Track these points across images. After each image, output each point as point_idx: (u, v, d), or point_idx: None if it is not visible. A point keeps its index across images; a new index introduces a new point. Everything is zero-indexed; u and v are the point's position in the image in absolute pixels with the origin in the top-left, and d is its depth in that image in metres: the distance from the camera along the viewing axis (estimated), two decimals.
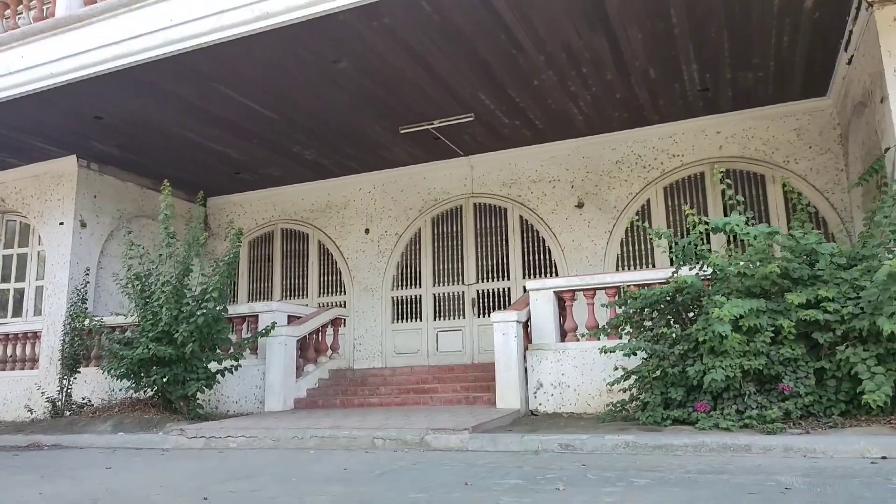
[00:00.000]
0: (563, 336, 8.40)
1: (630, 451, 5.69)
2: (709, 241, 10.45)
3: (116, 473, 5.67)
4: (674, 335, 6.55)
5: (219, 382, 9.27)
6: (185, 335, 8.47)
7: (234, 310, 10.14)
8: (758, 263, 6.42)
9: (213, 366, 9.13)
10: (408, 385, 9.34)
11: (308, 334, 10.16)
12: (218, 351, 9.14)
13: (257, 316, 9.96)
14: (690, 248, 6.78)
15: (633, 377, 6.85)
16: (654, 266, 10.82)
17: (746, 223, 6.55)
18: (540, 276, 11.58)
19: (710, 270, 6.81)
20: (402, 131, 10.82)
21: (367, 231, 13.00)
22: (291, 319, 10.16)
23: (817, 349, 6.16)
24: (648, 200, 11.09)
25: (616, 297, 7.99)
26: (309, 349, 10.25)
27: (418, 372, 9.78)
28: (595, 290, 8.31)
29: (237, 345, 9.24)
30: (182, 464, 6.16)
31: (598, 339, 8.05)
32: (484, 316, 11.86)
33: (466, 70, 8.94)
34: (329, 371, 10.35)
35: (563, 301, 8.59)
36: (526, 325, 8.45)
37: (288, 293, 13.60)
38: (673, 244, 6.94)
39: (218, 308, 9.01)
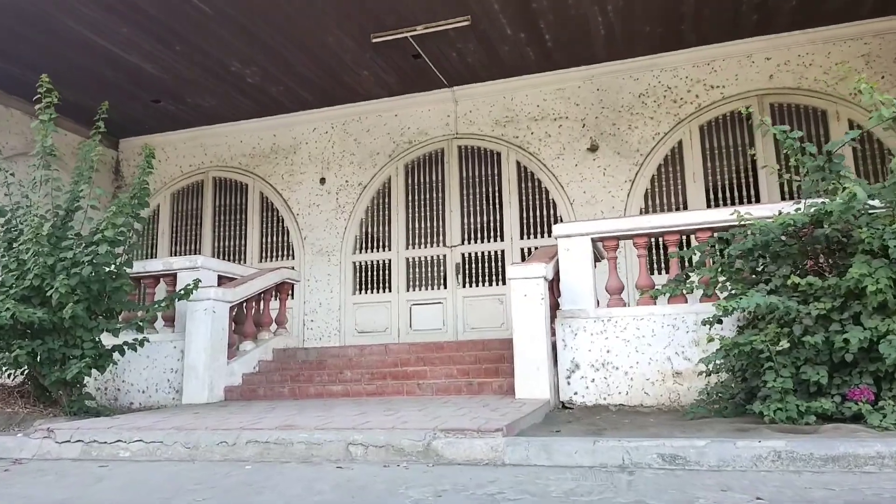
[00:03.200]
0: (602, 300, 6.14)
1: (787, 467, 3.45)
2: (755, 186, 8.42)
3: None
4: (809, 287, 4.34)
5: (116, 364, 6.61)
6: (62, 293, 5.79)
7: (143, 267, 7.45)
8: None
9: (107, 340, 6.48)
10: (383, 368, 6.90)
11: (245, 301, 7.58)
12: (116, 319, 6.48)
13: (175, 276, 7.32)
14: (839, 161, 4.53)
15: (737, 352, 4.60)
16: None
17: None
18: (540, 236, 9.29)
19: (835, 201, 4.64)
20: (374, 40, 8.32)
21: (322, 181, 10.44)
22: (223, 281, 7.56)
23: None
24: (680, 142, 8.95)
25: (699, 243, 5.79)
26: (247, 322, 7.66)
27: (395, 351, 7.34)
28: (650, 235, 6.05)
29: (144, 310, 6.59)
30: (25, 490, 3.58)
31: (655, 301, 5.85)
32: (471, 285, 9.51)
33: None
34: (273, 351, 7.79)
35: (599, 254, 6.34)
36: (551, 285, 6.14)
37: (221, 257, 10.89)
38: (804, 157, 4.68)
39: (116, 257, 6.35)
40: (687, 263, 5.81)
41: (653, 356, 5.63)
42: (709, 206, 8.68)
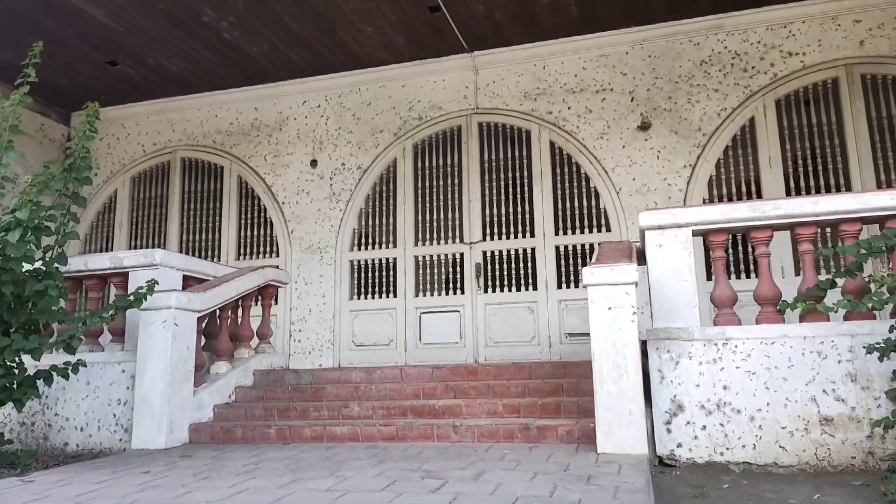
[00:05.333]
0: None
1: None
2: (845, 173, 6.95)
3: None
4: None
5: (40, 395, 4.87)
6: None
7: (84, 264, 5.72)
8: None
9: (28, 361, 4.76)
10: (401, 400, 5.24)
11: (218, 310, 5.86)
12: (39, 335, 4.74)
13: (126, 275, 5.60)
14: None
15: None
16: None
17: None
18: (579, 232, 7.72)
19: None
20: None
21: (313, 163, 8.75)
22: (190, 283, 5.86)
23: None
24: (752, 120, 7.42)
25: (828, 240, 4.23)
26: (220, 336, 5.95)
27: (414, 376, 5.68)
28: (775, 227, 4.48)
29: (81, 321, 4.84)
30: None
31: (783, 316, 4.31)
32: (494, 290, 7.90)
33: None
34: (254, 373, 6.09)
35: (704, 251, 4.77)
36: None
37: (191, 253, 9.14)
38: None
39: (45, 250, 4.66)
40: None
41: (790, 395, 4.06)
42: (788, 195, 7.18)
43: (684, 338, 4.32)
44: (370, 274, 8.39)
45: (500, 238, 7.97)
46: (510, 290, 7.80)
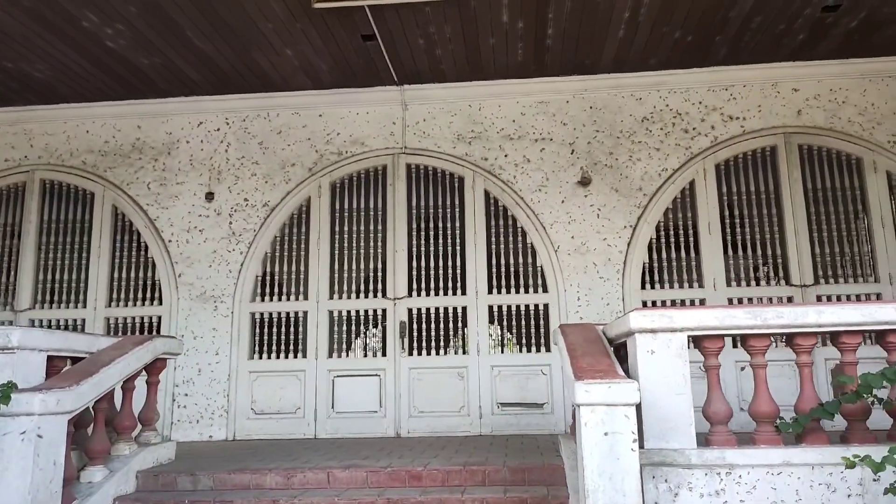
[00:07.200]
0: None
1: None
2: (782, 243, 6.85)
3: None
4: None
5: None
6: None
7: None
8: None
9: None
10: None
11: (95, 401, 4.61)
12: None
13: None
14: None
15: None
16: (701, 286, 6.93)
17: None
18: (514, 291, 7.12)
19: None
20: (316, 5, 5.71)
21: (209, 196, 7.52)
22: (56, 363, 4.57)
23: None
24: (692, 182, 7.17)
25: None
26: (95, 434, 4.68)
27: (345, 481, 4.72)
28: (773, 336, 4.05)
29: None
30: None
31: (780, 438, 3.89)
32: (420, 353, 7.10)
33: None
34: (137, 476, 4.86)
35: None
36: None
37: (49, 297, 7.58)
38: None
39: None
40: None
41: None
42: (727, 264, 6.99)
43: (682, 463, 3.75)
44: (275, 329, 7.30)
45: (427, 294, 7.19)
46: (438, 353, 7.04)
